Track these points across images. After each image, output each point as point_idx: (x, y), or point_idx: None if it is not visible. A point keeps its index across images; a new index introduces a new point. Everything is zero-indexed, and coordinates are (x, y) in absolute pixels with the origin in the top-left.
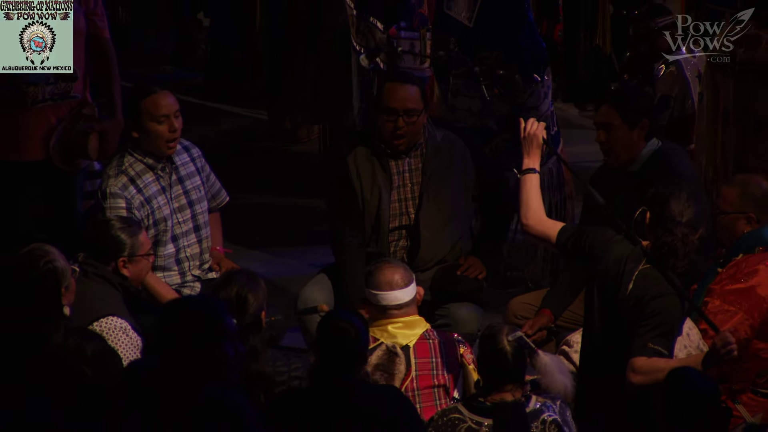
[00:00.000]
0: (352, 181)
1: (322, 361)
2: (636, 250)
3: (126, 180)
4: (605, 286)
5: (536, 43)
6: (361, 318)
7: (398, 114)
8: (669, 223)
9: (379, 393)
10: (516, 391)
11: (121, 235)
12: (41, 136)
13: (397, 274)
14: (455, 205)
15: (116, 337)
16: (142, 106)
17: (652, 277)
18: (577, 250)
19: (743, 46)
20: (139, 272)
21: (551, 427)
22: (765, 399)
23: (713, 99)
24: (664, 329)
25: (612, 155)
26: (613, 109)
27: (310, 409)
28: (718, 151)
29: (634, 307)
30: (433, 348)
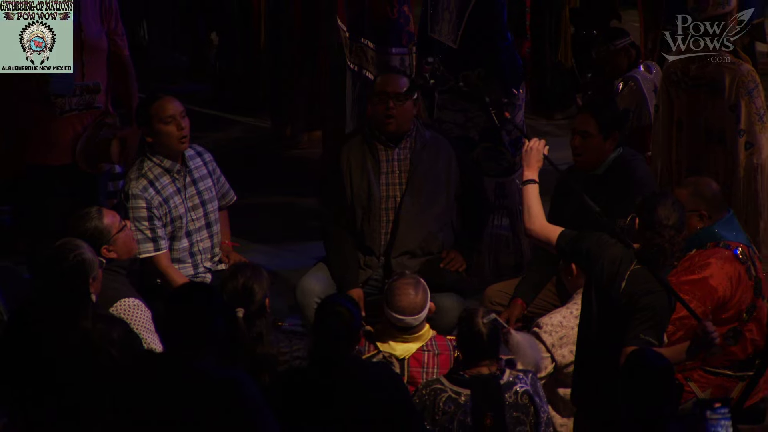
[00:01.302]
0: (343, 168)
1: (320, 341)
2: (628, 253)
3: (146, 183)
4: (601, 284)
5: (515, 60)
6: (353, 302)
7: (388, 96)
8: (657, 226)
9: (372, 367)
10: (491, 365)
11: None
12: (68, 142)
13: (413, 301)
14: (437, 195)
15: (133, 313)
16: (150, 111)
17: (642, 275)
18: (575, 252)
19: (695, 63)
20: (123, 246)
21: (523, 397)
22: (714, 376)
23: (668, 110)
24: (654, 322)
25: (582, 158)
26: (592, 119)
27: (311, 384)
28: (672, 157)
29: (627, 302)
30: (427, 360)
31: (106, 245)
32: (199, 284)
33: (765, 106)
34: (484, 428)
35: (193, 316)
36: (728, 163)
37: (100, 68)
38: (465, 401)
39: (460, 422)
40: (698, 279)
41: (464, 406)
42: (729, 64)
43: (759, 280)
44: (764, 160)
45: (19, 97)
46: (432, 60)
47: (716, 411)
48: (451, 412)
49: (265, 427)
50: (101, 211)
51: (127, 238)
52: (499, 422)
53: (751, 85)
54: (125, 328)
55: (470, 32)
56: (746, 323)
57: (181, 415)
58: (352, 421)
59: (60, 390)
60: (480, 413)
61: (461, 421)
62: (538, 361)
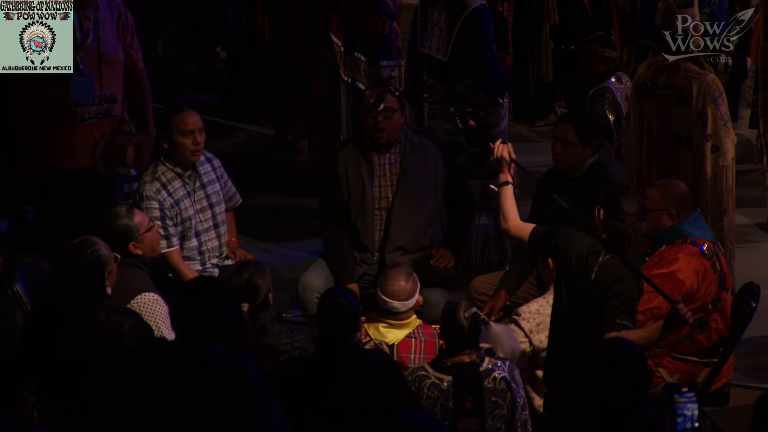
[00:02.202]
0: (339, 172)
1: (323, 331)
2: (594, 244)
3: (159, 186)
4: (570, 276)
5: (500, 72)
6: (353, 294)
7: (377, 111)
8: (620, 215)
9: (371, 354)
10: (472, 354)
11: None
12: (88, 148)
13: (403, 288)
14: (426, 195)
15: (151, 307)
16: (172, 121)
17: (611, 265)
18: (546, 247)
19: (665, 73)
20: (149, 245)
21: (501, 383)
22: (681, 363)
23: (639, 118)
24: (626, 307)
25: (562, 164)
26: (572, 128)
27: (315, 370)
28: (643, 162)
29: (599, 291)
30: (414, 346)
31: (134, 242)
32: (208, 279)
33: (728, 113)
34: (465, 412)
35: (202, 308)
36: (696, 166)
37: (117, 80)
38: (447, 387)
39: (443, 406)
40: (667, 273)
41: (446, 391)
42: (696, 74)
43: (723, 274)
44: (729, 162)
45: (42, 106)
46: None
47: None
48: (435, 397)
49: (270, 409)
50: (132, 210)
51: (153, 238)
52: (479, 406)
53: (716, 94)
54: (137, 319)
55: (459, 46)
56: (711, 314)
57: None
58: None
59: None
60: (461, 398)
61: (444, 405)
62: (515, 350)
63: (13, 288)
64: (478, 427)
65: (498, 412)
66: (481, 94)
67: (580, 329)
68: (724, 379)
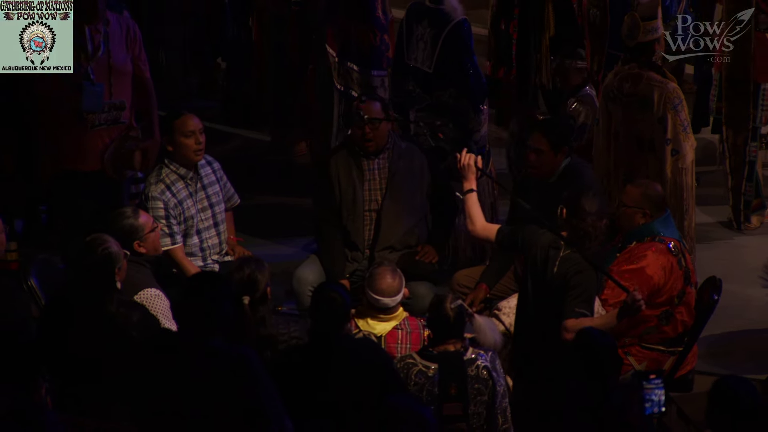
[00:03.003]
0: (332, 177)
1: (317, 322)
2: (555, 239)
3: (163, 187)
4: (535, 269)
5: (480, 81)
6: (344, 288)
7: (365, 122)
8: (581, 214)
9: (361, 342)
10: (456, 344)
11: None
12: (98, 152)
13: (390, 285)
14: (413, 197)
15: (153, 302)
16: (174, 124)
17: (572, 259)
18: (512, 244)
19: (629, 81)
20: (152, 245)
21: (483, 372)
22: (649, 351)
23: (606, 123)
24: (585, 296)
25: (537, 170)
26: (543, 138)
27: (310, 359)
28: (610, 164)
29: (560, 282)
30: (401, 337)
31: (138, 241)
32: (210, 274)
33: (688, 118)
34: (449, 397)
35: (204, 302)
36: (657, 168)
37: (125, 89)
38: (433, 374)
39: (429, 392)
40: (637, 268)
41: (432, 378)
42: (658, 82)
43: (688, 270)
44: (688, 164)
45: (56, 113)
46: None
47: (651, 381)
48: (421, 383)
49: (268, 396)
50: (137, 211)
51: (156, 238)
52: (462, 392)
53: (676, 101)
54: (144, 312)
55: (442, 58)
56: (677, 306)
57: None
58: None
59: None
60: (446, 384)
61: (430, 391)
62: (497, 341)
63: (28, 282)
64: (461, 411)
65: (480, 398)
66: (464, 102)
67: (543, 317)
68: (689, 367)
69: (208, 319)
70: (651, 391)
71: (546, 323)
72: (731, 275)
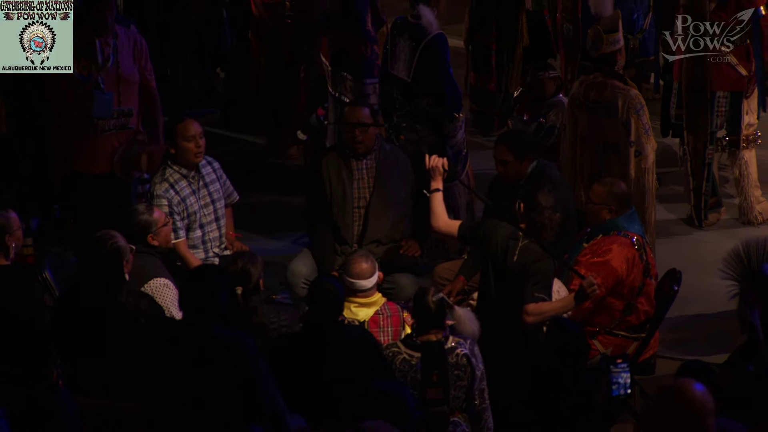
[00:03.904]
0: (323, 176)
1: (313, 312)
2: (514, 231)
3: (167, 185)
4: (495, 259)
5: (455, 89)
6: (338, 281)
7: (354, 126)
8: (538, 207)
9: (352, 330)
10: (438, 333)
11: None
12: (107, 155)
13: (365, 268)
14: (397, 195)
15: (162, 291)
16: (176, 129)
17: (530, 248)
18: (474, 237)
19: (594, 89)
20: (164, 238)
21: (462, 359)
22: (614, 337)
23: (573, 128)
24: (543, 282)
25: (507, 178)
26: (508, 150)
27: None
28: (577, 166)
29: (520, 270)
30: (382, 321)
31: (152, 234)
32: (210, 266)
33: (649, 122)
34: (432, 383)
35: (205, 291)
36: (621, 168)
37: (132, 97)
38: (416, 362)
39: (413, 378)
40: (602, 261)
41: (416, 366)
42: (621, 89)
43: (648, 264)
44: (650, 165)
45: (68, 119)
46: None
47: (618, 366)
48: (405, 371)
49: (262, 376)
50: (151, 208)
51: (168, 232)
52: (443, 378)
53: (638, 106)
54: (151, 301)
55: (420, 69)
56: (638, 297)
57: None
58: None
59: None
60: (428, 371)
61: (413, 378)
62: (475, 330)
63: (42, 274)
64: (442, 396)
65: (459, 383)
66: (440, 109)
67: (504, 303)
68: (651, 352)
69: (209, 306)
70: (618, 375)
71: (507, 308)
72: (691, 267)
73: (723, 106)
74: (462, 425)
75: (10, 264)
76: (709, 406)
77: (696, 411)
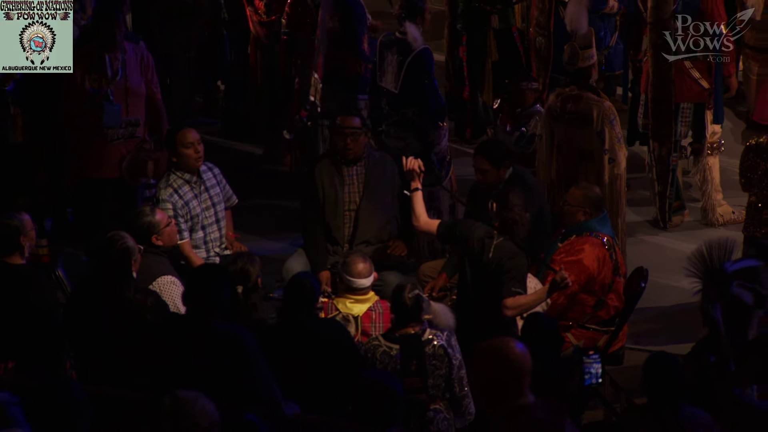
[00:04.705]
0: (316, 181)
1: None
2: (490, 230)
3: (171, 190)
4: (472, 257)
5: (440, 100)
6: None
7: (346, 135)
8: (509, 206)
9: (325, 322)
10: (415, 327)
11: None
12: (116, 162)
13: (363, 268)
14: (385, 199)
15: (169, 288)
16: (175, 138)
17: (504, 246)
18: (451, 236)
19: (570, 101)
20: (168, 238)
21: (439, 350)
22: (585, 330)
23: (549, 137)
24: (519, 278)
25: (486, 185)
26: (485, 160)
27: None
28: (553, 173)
29: (496, 267)
30: (375, 317)
31: (156, 235)
32: (212, 265)
33: (621, 132)
34: (410, 373)
35: (207, 289)
36: (596, 175)
37: (139, 108)
38: (395, 354)
39: (393, 369)
40: (576, 260)
41: (395, 357)
42: (595, 101)
43: (617, 263)
44: (622, 171)
45: (80, 129)
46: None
47: (590, 357)
48: (386, 362)
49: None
50: (155, 210)
51: (172, 232)
52: (422, 368)
53: (612, 117)
54: (157, 297)
55: (406, 81)
56: (608, 293)
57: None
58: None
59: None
60: (407, 362)
61: (393, 368)
62: (450, 323)
63: (56, 273)
64: (421, 384)
65: (437, 372)
66: (425, 118)
67: (481, 298)
68: (620, 344)
69: (210, 303)
70: (590, 365)
71: (484, 302)
72: (657, 266)
73: (687, 116)
74: (442, 412)
75: (25, 263)
76: (527, 365)
77: (516, 368)
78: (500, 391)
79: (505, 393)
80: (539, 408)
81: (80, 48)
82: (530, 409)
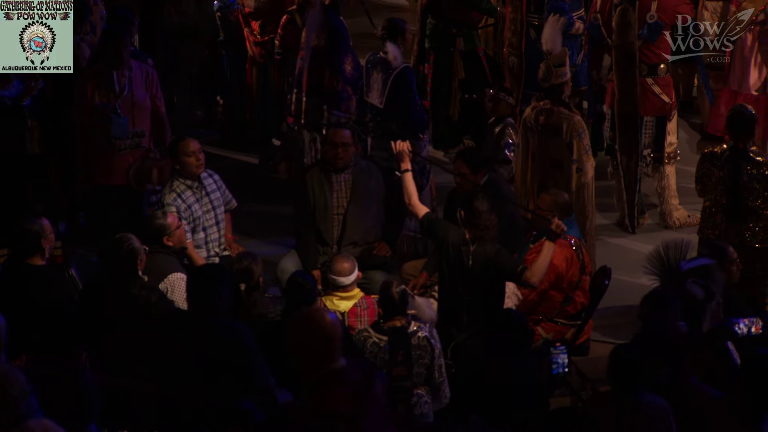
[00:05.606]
0: (308, 188)
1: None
2: (463, 236)
3: (175, 195)
4: (448, 258)
5: (421, 114)
6: (312, 277)
7: (337, 146)
8: (476, 212)
9: None
10: (402, 320)
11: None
12: (123, 170)
13: (346, 267)
14: (371, 203)
15: (179, 284)
16: (178, 147)
17: (482, 251)
18: (431, 231)
19: (543, 114)
20: (178, 239)
21: (423, 341)
22: (554, 324)
23: (525, 147)
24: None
25: (463, 189)
26: (464, 164)
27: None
28: (527, 179)
29: (480, 272)
30: (360, 312)
31: (167, 236)
32: (214, 265)
33: (589, 144)
34: (397, 362)
35: (208, 287)
36: (565, 182)
37: (145, 120)
38: (384, 344)
39: (381, 358)
40: None
41: (383, 348)
42: (566, 115)
43: (584, 263)
44: (589, 180)
45: (90, 139)
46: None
47: (557, 348)
48: (375, 352)
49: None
50: (166, 213)
51: (181, 234)
52: (408, 358)
53: (581, 130)
54: (161, 294)
55: (391, 96)
56: (575, 290)
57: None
58: None
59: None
60: (394, 352)
61: (382, 358)
62: (433, 316)
63: (69, 272)
64: (406, 372)
65: (421, 362)
66: (407, 130)
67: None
68: (585, 336)
69: (211, 299)
70: (557, 356)
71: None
72: (619, 265)
73: (650, 129)
74: (424, 397)
75: (45, 264)
76: (337, 331)
77: (327, 334)
78: (313, 356)
79: (318, 357)
80: (350, 370)
81: (91, 66)
82: (342, 371)
